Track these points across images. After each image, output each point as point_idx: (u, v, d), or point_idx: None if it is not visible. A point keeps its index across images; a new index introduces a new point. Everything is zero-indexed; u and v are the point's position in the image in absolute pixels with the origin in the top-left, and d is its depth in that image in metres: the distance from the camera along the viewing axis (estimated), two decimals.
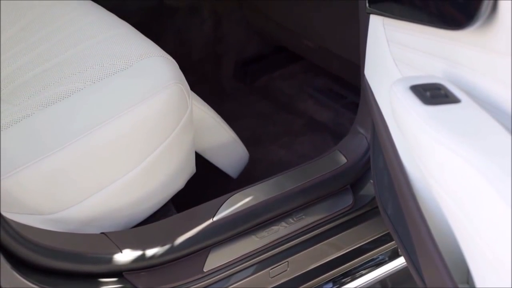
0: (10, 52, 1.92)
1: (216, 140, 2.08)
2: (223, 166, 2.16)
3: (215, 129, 2.05)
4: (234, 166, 2.19)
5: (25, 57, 1.88)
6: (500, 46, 1.11)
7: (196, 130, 1.94)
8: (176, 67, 1.80)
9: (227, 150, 2.14)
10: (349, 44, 2.14)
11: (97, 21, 1.96)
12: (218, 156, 2.13)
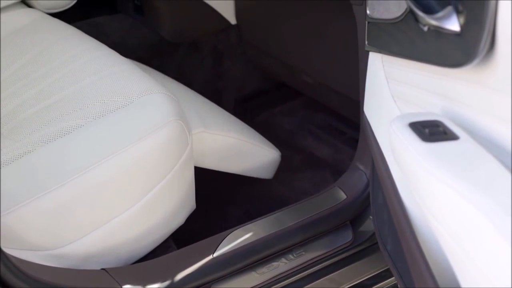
0: (12, 88, 1.93)
1: (246, 158, 2.12)
2: (258, 175, 2.19)
3: (242, 148, 2.09)
4: (269, 170, 2.22)
5: (27, 94, 1.89)
6: (498, 84, 1.12)
7: (226, 155, 1.98)
8: (177, 103, 1.81)
9: (258, 161, 2.17)
10: (348, 80, 2.15)
11: (98, 58, 1.98)
12: (252, 170, 2.16)
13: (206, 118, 2.06)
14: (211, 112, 2.20)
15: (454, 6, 1.16)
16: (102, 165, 1.62)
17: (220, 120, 2.16)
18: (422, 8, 1.24)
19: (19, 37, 2.15)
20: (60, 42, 2.08)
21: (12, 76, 1.98)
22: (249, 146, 2.14)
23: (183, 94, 2.21)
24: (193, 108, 2.08)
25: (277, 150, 2.28)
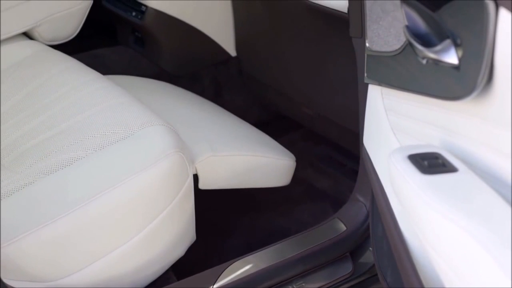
0: (14, 119, 1.94)
1: (259, 171, 2.14)
2: (274, 184, 2.22)
3: (254, 163, 2.11)
4: (284, 178, 2.24)
5: (28, 125, 1.90)
6: (497, 116, 1.12)
7: (239, 173, 2.00)
8: (177, 135, 1.82)
9: (272, 171, 2.20)
10: (348, 112, 2.16)
11: (99, 90, 1.99)
12: (267, 182, 2.19)
13: (215, 140, 2.07)
14: (221, 131, 2.21)
15: (453, 39, 1.17)
16: (103, 197, 1.62)
17: (230, 138, 2.17)
18: (421, 41, 1.25)
19: (21, 69, 2.17)
20: (61, 74, 2.10)
21: (13, 107, 1.99)
22: (262, 160, 2.15)
23: (194, 116, 2.23)
24: (202, 132, 2.10)
25: (291, 156, 2.29)
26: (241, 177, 2.11)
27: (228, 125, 2.31)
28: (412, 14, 1.29)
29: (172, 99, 2.37)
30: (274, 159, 2.20)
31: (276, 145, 2.32)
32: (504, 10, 1.06)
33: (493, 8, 1.07)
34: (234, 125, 2.34)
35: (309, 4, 2.12)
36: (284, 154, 2.27)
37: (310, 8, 2.14)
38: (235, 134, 2.24)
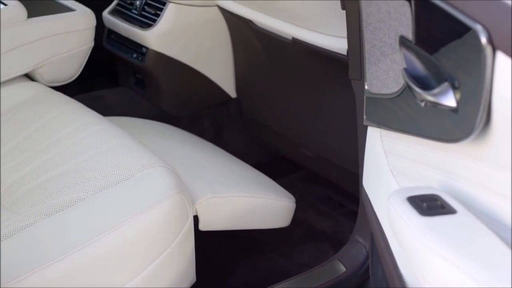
0: (15, 161, 1.95)
1: (259, 213, 2.15)
2: (274, 226, 2.23)
3: (254, 204, 2.12)
4: (284, 219, 2.25)
5: (29, 166, 1.91)
6: (495, 158, 1.13)
7: (239, 214, 2.02)
8: (177, 177, 1.83)
9: (272, 213, 2.21)
10: (347, 154, 2.17)
11: (100, 131, 2.00)
12: (267, 223, 2.20)
13: (215, 181, 2.08)
14: (221, 172, 2.22)
15: (450, 82, 1.18)
16: (103, 238, 1.63)
17: (230, 180, 2.18)
18: (419, 84, 1.26)
19: (22, 110, 2.18)
20: (62, 115, 2.11)
21: (15, 149, 2.00)
22: (262, 201, 2.16)
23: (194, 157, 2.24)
24: (202, 173, 2.11)
25: (291, 198, 2.29)
26: (241, 218, 2.11)
27: (228, 167, 2.32)
28: (411, 57, 1.31)
29: (172, 140, 2.38)
30: (274, 200, 2.20)
31: (276, 187, 2.33)
32: (501, 53, 1.08)
33: (490, 52, 1.08)
34: (234, 167, 2.35)
35: (309, 46, 2.14)
36: (284, 195, 2.28)
37: (310, 50, 2.16)
38: (235, 176, 2.25)
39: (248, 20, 2.37)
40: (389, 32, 1.39)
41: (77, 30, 2.47)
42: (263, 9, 2.25)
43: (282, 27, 2.22)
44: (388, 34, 1.39)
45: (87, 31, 2.51)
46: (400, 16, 1.33)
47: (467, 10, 1.14)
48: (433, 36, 1.25)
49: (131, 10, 2.71)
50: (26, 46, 2.35)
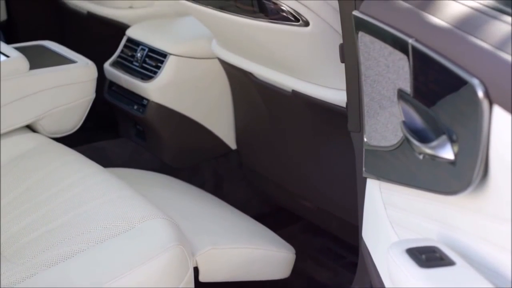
0: (16, 211, 1.95)
1: (259, 264, 2.15)
2: (273, 277, 2.22)
3: (254, 256, 2.12)
4: (284, 270, 2.25)
5: (30, 217, 1.92)
6: (493, 210, 1.14)
7: (239, 266, 2.04)
8: (178, 229, 1.84)
9: (272, 264, 2.21)
10: (347, 205, 2.17)
11: (100, 183, 2.01)
12: (266, 275, 2.20)
13: (215, 233, 2.09)
14: (221, 224, 2.23)
15: (448, 135, 1.20)
16: None
17: (230, 231, 2.18)
18: (417, 137, 1.27)
19: (23, 162, 2.19)
20: (62, 167, 2.12)
21: (16, 199, 2.01)
22: (262, 252, 2.16)
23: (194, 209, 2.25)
24: (202, 224, 2.11)
25: (290, 249, 2.29)
26: (242, 269, 2.11)
27: (228, 218, 2.33)
28: (409, 110, 1.32)
29: (172, 192, 2.39)
30: (274, 251, 2.20)
31: (275, 238, 2.33)
32: (498, 107, 1.09)
33: (487, 105, 1.10)
34: (234, 218, 2.35)
35: (308, 99, 2.16)
36: (284, 246, 2.28)
37: (309, 103, 2.18)
38: (235, 227, 2.25)
39: (248, 72, 2.39)
40: (387, 86, 1.41)
41: (78, 82, 2.49)
42: (263, 62, 2.28)
43: (282, 80, 2.24)
44: (387, 87, 1.41)
45: (88, 83, 2.53)
46: (398, 69, 1.35)
47: (464, 64, 1.16)
48: (431, 90, 1.26)
49: (132, 62, 2.73)
50: (28, 97, 2.37)
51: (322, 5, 1.92)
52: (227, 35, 2.34)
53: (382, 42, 1.40)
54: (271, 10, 1.97)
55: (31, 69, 2.37)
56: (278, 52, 2.12)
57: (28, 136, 2.37)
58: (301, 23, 1.93)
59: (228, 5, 2.07)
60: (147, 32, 2.77)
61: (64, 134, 2.54)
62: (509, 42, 1.15)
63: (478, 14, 1.28)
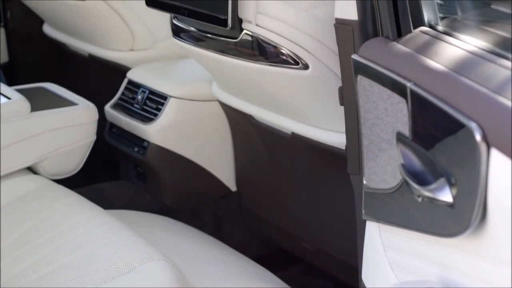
0: (16, 253, 1.95)
1: None
2: None
3: None
4: None
5: (30, 260, 1.92)
6: (491, 253, 1.15)
7: None
8: (178, 271, 1.84)
9: None
10: (347, 247, 2.18)
11: (100, 225, 2.02)
12: None
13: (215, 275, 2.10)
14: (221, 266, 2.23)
15: (447, 178, 1.21)
16: None
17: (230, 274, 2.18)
18: (416, 180, 1.28)
19: (24, 204, 2.20)
20: (63, 209, 2.13)
21: (16, 241, 2.01)
22: None
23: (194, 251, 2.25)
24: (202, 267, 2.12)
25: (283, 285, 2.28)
26: None
27: (228, 261, 2.32)
28: (408, 153, 1.33)
29: (172, 234, 2.39)
30: None
31: (275, 280, 2.32)
32: (496, 150, 1.10)
33: (484, 149, 1.11)
34: (234, 260, 2.35)
35: (308, 141, 2.17)
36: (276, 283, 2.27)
37: (309, 145, 2.19)
38: (235, 269, 2.25)
39: (248, 115, 2.41)
40: (386, 129, 1.42)
41: (79, 124, 2.51)
42: (263, 104, 2.29)
43: (282, 122, 2.25)
44: (386, 130, 1.42)
45: (89, 125, 2.54)
46: (397, 113, 1.36)
47: (462, 107, 1.18)
48: (429, 133, 1.28)
49: (133, 104, 2.75)
50: (29, 139, 2.38)
51: (322, 49, 1.94)
52: (227, 78, 2.36)
53: (381, 85, 1.42)
54: (271, 53, 1.99)
55: (32, 111, 2.39)
56: (278, 95, 2.14)
57: (29, 178, 2.37)
58: (300, 66, 1.95)
59: (228, 48, 2.09)
60: (147, 75, 2.79)
61: (65, 176, 2.55)
62: (507, 86, 1.16)
63: (475, 58, 1.30)
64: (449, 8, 1.65)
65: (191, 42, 2.22)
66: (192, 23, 2.18)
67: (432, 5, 1.57)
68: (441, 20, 1.56)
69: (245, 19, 1.99)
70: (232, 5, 1.92)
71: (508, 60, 1.25)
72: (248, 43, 2.02)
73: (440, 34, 1.47)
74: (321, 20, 1.94)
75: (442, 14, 1.59)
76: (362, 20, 1.64)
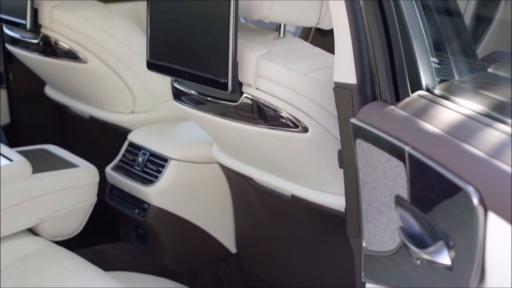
0: None
1: None
2: None
3: None
4: None
5: None
6: None
7: None
8: None
9: None
10: None
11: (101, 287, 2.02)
12: None
13: None
14: None
15: (445, 241, 1.22)
16: None
17: None
18: (415, 242, 1.29)
19: (24, 265, 2.20)
20: (64, 270, 2.13)
21: None
22: None
23: None
24: None
25: None
26: None
27: None
28: (406, 216, 1.35)
29: None
30: None
31: None
32: (493, 214, 1.12)
33: (482, 212, 1.13)
34: None
35: (307, 203, 2.18)
36: None
37: (309, 207, 2.20)
38: None
39: (248, 177, 2.42)
40: (385, 192, 1.43)
41: (80, 186, 2.52)
42: (263, 167, 2.31)
43: (281, 184, 2.26)
44: (384, 193, 1.44)
45: (90, 186, 2.55)
46: (395, 176, 1.38)
47: (459, 171, 1.19)
48: (427, 196, 1.29)
49: (134, 166, 2.77)
50: (30, 201, 2.39)
51: (321, 112, 1.96)
52: (227, 140, 2.38)
53: (379, 149, 1.44)
54: (271, 117, 2.01)
55: (33, 173, 2.40)
56: (278, 157, 2.16)
57: (29, 240, 2.38)
58: (300, 129, 1.98)
59: (229, 112, 2.11)
60: (148, 137, 2.81)
61: (66, 237, 2.55)
62: (503, 150, 1.18)
63: (472, 122, 1.32)
64: (447, 72, 1.68)
65: (191, 105, 2.25)
66: (193, 86, 2.21)
67: (430, 69, 1.60)
68: (439, 84, 1.59)
69: (245, 83, 2.02)
70: (233, 69, 1.95)
71: (505, 124, 1.27)
72: (248, 106, 2.04)
73: (438, 98, 1.49)
74: (320, 84, 1.96)
75: (439, 78, 1.61)
76: (361, 84, 1.67)
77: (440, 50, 1.69)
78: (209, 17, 2.00)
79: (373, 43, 1.64)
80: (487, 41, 2.48)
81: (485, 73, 1.69)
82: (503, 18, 2.43)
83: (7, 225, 2.32)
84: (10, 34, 3.13)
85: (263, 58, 2.00)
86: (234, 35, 1.93)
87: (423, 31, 1.62)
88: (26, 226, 2.40)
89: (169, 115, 3.04)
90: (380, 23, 1.61)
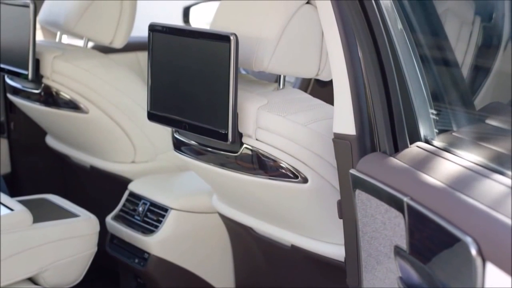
0: None
1: None
2: None
3: None
4: None
5: None
6: None
7: None
8: None
9: None
10: None
11: None
12: None
13: None
14: None
15: None
16: None
17: None
18: None
19: None
20: None
21: None
22: None
23: None
24: None
25: None
26: None
27: None
28: (406, 266, 1.35)
29: None
30: None
31: None
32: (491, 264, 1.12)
33: (480, 263, 1.13)
34: None
35: (307, 253, 2.18)
36: None
37: (308, 257, 2.20)
38: None
39: (248, 227, 2.42)
40: (384, 242, 1.44)
41: (81, 236, 2.52)
42: (263, 217, 2.31)
43: (281, 234, 2.27)
44: (384, 243, 1.45)
45: (90, 236, 2.56)
46: (395, 227, 1.39)
47: (457, 222, 1.20)
48: (426, 247, 1.30)
49: (134, 216, 2.77)
50: (30, 250, 2.39)
51: (320, 162, 1.98)
52: (227, 191, 2.39)
53: (378, 199, 1.45)
54: (270, 167, 2.02)
55: (34, 223, 2.41)
56: (277, 207, 2.16)
57: None
58: (299, 179, 1.99)
59: (228, 162, 2.12)
60: (148, 187, 2.82)
61: (66, 287, 2.55)
62: (501, 201, 1.20)
63: (470, 173, 1.34)
64: (445, 123, 1.70)
65: (191, 155, 2.26)
66: (193, 137, 2.22)
67: (428, 121, 1.62)
68: (437, 135, 1.61)
69: (245, 134, 2.04)
70: (233, 120, 1.97)
71: (501, 175, 1.28)
72: (248, 157, 2.06)
73: (436, 149, 1.51)
74: (320, 135, 1.98)
75: (438, 129, 1.63)
76: (360, 135, 1.69)
77: (438, 101, 1.71)
78: (210, 69, 2.02)
79: (372, 94, 1.66)
80: (485, 92, 2.51)
81: (483, 124, 1.71)
82: (501, 69, 2.45)
83: (7, 274, 2.32)
84: (12, 84, 3.16)
85: (263, 109, 2.02)
86: (234, 86, 1.95)
87: (421, 82, 1.65)
88: (26, 276, 2.40)
89: (170, 165, 3.05)
90: (378, 74, 1.63)
